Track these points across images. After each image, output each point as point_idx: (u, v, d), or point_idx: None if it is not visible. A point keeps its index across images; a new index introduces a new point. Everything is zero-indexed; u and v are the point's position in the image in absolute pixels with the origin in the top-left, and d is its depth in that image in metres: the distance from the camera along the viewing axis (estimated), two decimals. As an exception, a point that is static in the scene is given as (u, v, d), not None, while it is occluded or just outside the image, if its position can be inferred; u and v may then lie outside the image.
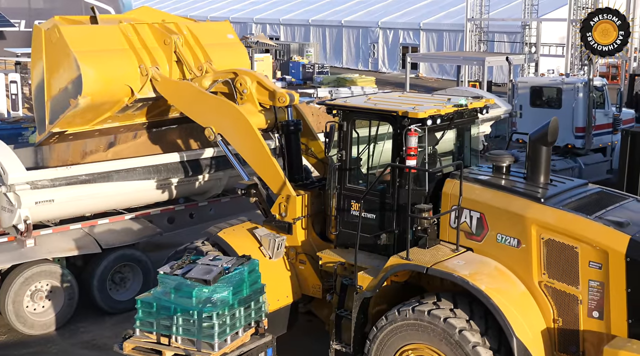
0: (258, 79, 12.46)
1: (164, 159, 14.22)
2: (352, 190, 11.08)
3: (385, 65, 57.27)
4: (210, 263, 9.77)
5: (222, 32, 14.47)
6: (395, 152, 10.54)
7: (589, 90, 23.33)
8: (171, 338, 9.37)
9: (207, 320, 9.16)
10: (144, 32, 13.19)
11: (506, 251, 9.89)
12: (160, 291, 9.53)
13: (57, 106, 13.10)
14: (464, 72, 42.03)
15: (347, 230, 11.14)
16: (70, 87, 12.70)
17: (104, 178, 13.44)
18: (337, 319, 10.77)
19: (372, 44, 58.27)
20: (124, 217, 14.24)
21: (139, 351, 9.53)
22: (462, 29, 46.24)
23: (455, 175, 10.46)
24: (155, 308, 9.40)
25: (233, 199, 15.32)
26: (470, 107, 10.85)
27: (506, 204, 9.95)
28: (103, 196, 13.54)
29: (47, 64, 13.05)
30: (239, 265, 9.82)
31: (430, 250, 10.27)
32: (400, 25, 56.34)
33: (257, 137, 11.83)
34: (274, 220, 11.78)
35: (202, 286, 9.30)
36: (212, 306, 9.19)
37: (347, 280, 10.86)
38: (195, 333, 9.24)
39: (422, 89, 45.11)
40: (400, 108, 10.53)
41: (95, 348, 12.80)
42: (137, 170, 13.81)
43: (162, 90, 13.16)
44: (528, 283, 9.75)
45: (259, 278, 10.14)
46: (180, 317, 9.24)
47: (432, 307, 9.57)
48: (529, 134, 10.34)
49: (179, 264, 9.78)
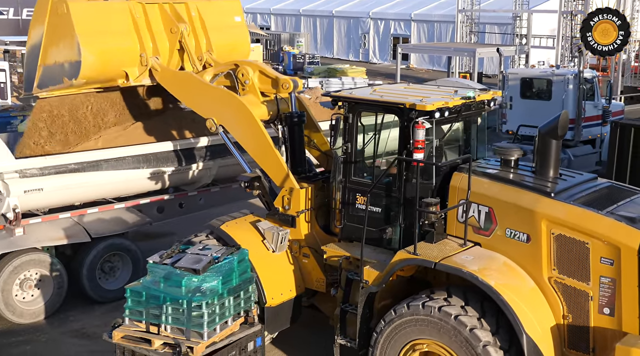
0: (260, 67, 12.22)
1: (153, 148, 14.11)
2: (358, 183, 10.85)
3: (376, 56, 57.11)
4: (199, 253, 9.67)
5: (231, 13, 14.13)
6: (402, 144, 10.29)
7: (579, 82, 23.38)
8: (160, 327, 9.31)
9: (197, 309, 9.11)
10: (153, 13, 12.78)
11: (515, 246, 9.67)
12: (150, 280, 9.46)
13: (49, 75, 12.80)
14: (454, 63, 41.96)
15: (352, 224, 10.92)
16: (67, 66, 12.43)
17: (94, 167, 13.37)
18: (342, 314, 10.57)
19: (363, 35, 58.06)
20: (114, 206, 14.14)
21: (128, 340, 9.48)
22: (453, 20, 46.25)
23: (463, 168, 10.24)
24: (144, 297, 9.33)
25: (223, 189, 15.34)
26: (478, 99, 10.61)
27: (516, 198, 9.72)
28: (92, 185, 13.44)
29: (48, 32, 12.64)
30: (228, 255, 9.71)
31: (438, 245, 10.05)
32: (392, 16, 56.17)
33: (259, 128, 11.57)
34: (277, 213, 11.54)
35: (192, 276, 9.23)
36: (202, 295, 9.14)
37: (352, 274, 10.64)
38: (184, 322, 9.17)
39: (412, 79, 44.92)
40: (407, 100, 10.28)
41: (85, 337, 12.70)
42: (126, 159, 13.72)
43: (161, 80, 12.89)
44: (537, 278, 9.54)
45: (249, 268, 9.98)
46: (170, 306, 9.18)
47: (442, 304, 9.36)
48: (538, 127, 10.11)
49: (168, 253, 9.68)
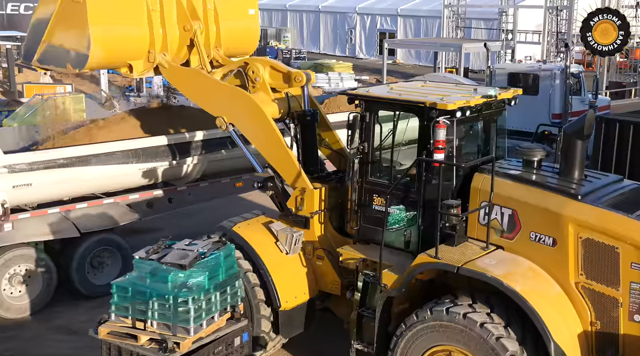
0: (270, 63, 11.80)
1: (142, 143, 14.01)
2: (374, 183, 10.44)
3: (362, 51, 56.76)
4: (186, 248, 9.51)
5: (246, 5, 13.52)
6: (422, 144, 9.87)
7: (565, 77, 23.64)
8: (147, 322, 9.17)
9: (183, 305, 8.98)
10: (169, 7, 12.20)
11: (540, 250, 9.27)
12: (136, 276, 9.35)
13: (52, 55, 12.33)
14: (441, 58, 41.74)
15: (369, 225, 10.52)
16: (74, 55, 11.94)
17: (83, 162, 13.26)
18: (359, 318, 10.17)
19: (350, 30, 57.66)
20: (102, 202, 13.99)
21: (114, 335, 9.33)
22: (439, 15, 45.98)
23: (484, 169, 9.84)
24: (130, 293, 9.20)
25: (212, 184, 15.28)
26: (500, 98, 10.20)
27: (541, 201, 9.31)
28: (81, 180, 13.36)
29: (59, 13, 12.04)
30: (214, 250, 9.54)
31: (459, 248, 9.65)
32: (378, 11, 55.80)
33: (271, 126, 11.13)
34: (291, 214, 11.12)
35: (178, 271, 9.09)
36: (188, 291, 9.01)
37: (369, 277, 10.23)
38: (170, 318, 9.04)
39: (399, 75, 44.63)
40: (427, 98, 9.87)
41: (71, 333, 12.49)
42: (115, 154, 13.63)
43: (169, 77, 12.43)
44: (564, 284, 9.14)
45: (235, 263, 9.84)
46: (156, 302, 9.05)
47: (467, 310, 8.96)
48: (562, 127, 9.71)
49: (154, 249, 9.50)
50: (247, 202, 19.15)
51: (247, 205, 18.94)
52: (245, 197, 18.62)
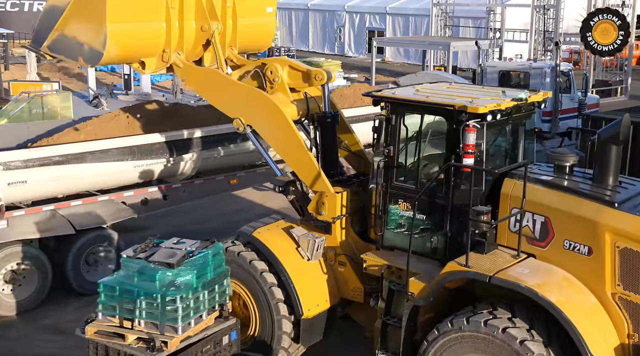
0: (289, 62, 11.33)
1: (138, 141, 13.94)
2: (400, 188, 9.99)
3: (351, 49, 56.32)
4: (174, 247, 9.33)
5: (264, 3, 12.99)
6: (450, 148, 9.43)
7: (555, 75, 23.73)
8: (134, 321, 9.01)
9: (171, 304, 8.82)
10: (189, 5, 11.62)
11: (574, 259, 8.85)
12: (123, 274, 9.19)
13: (64, 45, 11.82)
14: (429, 56, 41.53)
15: (394, 231, 10.08)
16: (87, 50, 11.42)
17: (78, 160, 13.19)
18: (384, 326, 9.78)
19: (339, 28, 57.18)
20: (97, 199, 13.89)
21: (102, 335, 9.16)
22: (427, 14, 45.77)
23: (514, 174, 9.41)
24: (118, 292, 9.03)
25: (206, 181, 15.19)
26: (529, 101, 9.77)
27: (575, 208, 8.88)
28: (77, 177, 13.26)
29: (75, 5, 11.46)
30: (203, 249, 9.37)
31: (489, 256, 9.25)
32: (367, 9, 55.33)
33: (292, 128, 10.66)
34: (312, 219, 10.65)
35: (166, 270, 8.92)
36: (176, 289, 8.86)
37: (395, 285, 9.81)
38: (158, 317, 8.87)
39: (387, 73, 44.34)
40: (456, 101, 9.45)
41: (58, 332, 12.32)
42: (111, 151, 13.56)
43: (184, 76, 11.94)
44: (599, 294, 8.73)
45: (223, 261, 9.63)
46: (144, 301, 8.88)
47: (507, 324, 8.54)
48: (597, 132, 9.29)
49: (142, 248, 9.34)
50: (240, 199, 19.00)
51: (239, 202, 19.06)
52: (237, 194, 18.52)
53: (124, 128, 14.65)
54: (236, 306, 11.23)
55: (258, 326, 10.58)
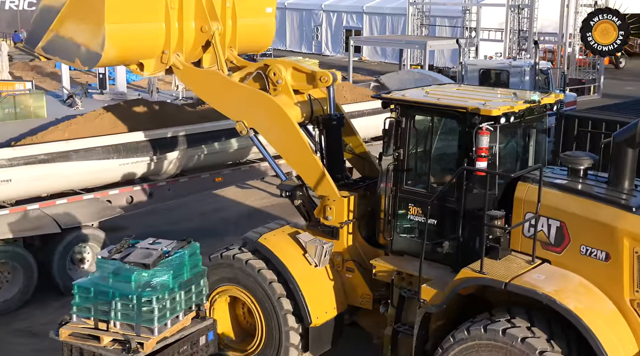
0: (292, 64, 10.97)
1: (123, 139, 13.79)
2: (410, 192, 9.69)
3: (328, 48, 55.97)
4: (149, 247, 9.15)
5: (264, 3, 12.65)
6: (463, 152, 9.13)
7: (534, 73, 23.72)
8: (109, 323, 8.82)
9: (147, 305, 8.65)
10: (188, 6, 11.23)
11: (591, 265, 8.59)
12: (98, 276, 9.01)
13: (60, 46, 11.40)
14: (406, 55, 41.27)
15: (404, 236, 9.78)
16: (85, 52, 11.01)
17: (63, 158, 12.97)
18: (394, 334, 9.51)
19: (316, 27, 56.78)
20: (82, 197, 13.70)
21: (76, 337, 8.94)
22: (404, 13, 45.65)
23: (528, 178, 9.14)
24: (92, 293, 8.83)
25: (191, 179, 15.09)
26: (542, 103, 9.51)
27: (592, 213, 8.62)
28: (62, 176, 13.06)
29: (72, 5, 10.99)
30: (179, 249, 9.18)
31: (503, 262, 8.97)
32: (344, 8, 54.97)
33: (297, 131, 10.32)
34: (320, 225, 10.29)
35: (142, 271, 8.76)
36: (152, 290, 8.70)
37: (406, 291, 9.50)
38: (134, 318, 8.70)
39: (365, 72, 44.06)
40: (468, 103, 9.16)
41: (31, 335, 12.07)
42: (96, 149, 13.39)
43: (184, 79, 11.51)
44: (617, 301, 8.47)
45: (200, 261, 9.43)
46: (119, 302, 8.70)
47: (527, 334, 8.27)
48: (612, 134, 9.03)
49: (117, 248, 9.15)
50: (219, 198, 18.86)
51: (218, 201, 18.84)
52: (217, 193, 18.26)
53: (108, 126, 14.45)
54: (240, 314, 10.89)
55: (264, 335, 10.26)
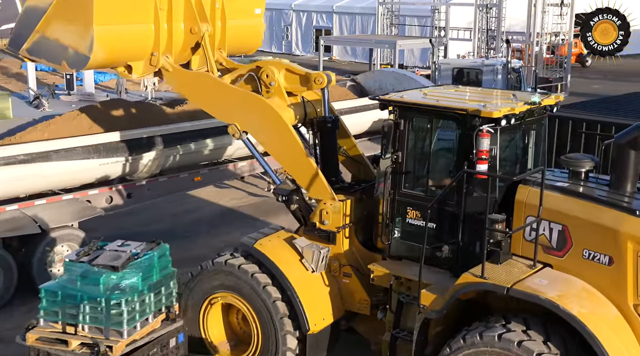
0: (285, 66, 10.71)
1: (103, 139, 13.67)
2: (409, 195, 9.46)
3: (299, 48, 55.62)
4: (118, 249, 9.14)
5: (254, 4, 12.36)
6: (462, 154, 8.92)
7: (507, 72, 24.03)
8: (77, 327, 8.76)
9: (116, 307, 8.62)
10: (178, 7, 10.87)
11: (594, 269, 8.43)
12: (66, 279, 8.93)
13: (46, 48, 11.02)
14: (376, 55, 41.07)
15: (403, 240, 9.56)
16: (72, 54, 10.61)
17: (43, 158, 12.79)
18: (393, 340, 9.28)
19: (286, 27, 56.40)
20: (62, 198, 13.57)
21: (43, 341, 8.86)
22: (374, 13, 45.33)
23: (529, 180, 8.96)
24: (60, 297, 8.77)
25: (170, 178, 15.05)
26: (543, 104, 9.32)
27: (595, 216, 8.45)
28: (42, 176, 12.90)
29: (58, 5, 10.58)
30: (148, 251, 9.16)
31: (504, 266, 8.80)
32: (314, 8, 54.67)
33: (292, 134, 10.06)
34: (316, 229, 10.02)
35: (110, 273, 8.72)
36: (121, 292, 8.67)
37: (405, 297, 9.27)
38: (103, 321, 8.67)
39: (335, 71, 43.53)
40: (468, 105, 8.95)
41: None
42: (76, 149, 13.22)
43: (172, 81, 11.09)
44: (621, 306, 8.31)
45: (170, 263, 9.40)
46: (87, 305, 8.65)
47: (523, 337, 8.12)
48: (614, 136, 8.86)
49: (85, 251, 9.12)
50: (191, 199, 18.61)
51: (190, 202, 18.60)
52: (189, 193, 17.94)
53: (87, 126, 14.25)
54: (234, 321, 10.58)
55: (260, 342, 9.96)
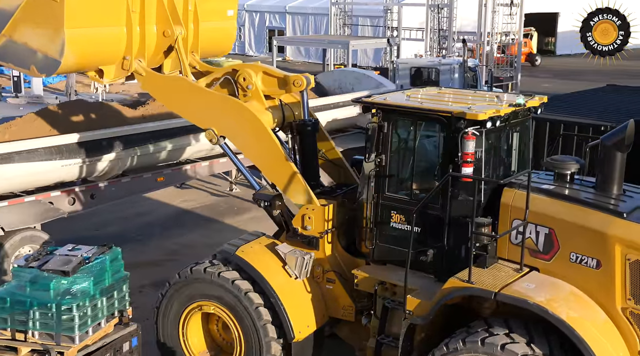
0: (263, 68, 10.43)
1: (66, 140, 13.41)
2: (393, 199, 9.26)
3: (252, 48, 55.14)
4: (69, 254, 8.93)
5: (226, 6, 12.07)
6: (447, 157, 8.75)
7: (464, 71, 24.04)
8: (27, 333, 8.55)
9: (67, 313, 8.43)
10: (150, 9, 10.48)
11: (582, 272, 8.33)
12: (15, 285, 8.72)
13: (13, 52, 10.48)
14: (329, 55, 40.90)
15: (386, 245, 9.38)
16: (42, 58, 10.13)
17: (5, 160, 12.53)
18: (378, 346, 9.10)
19: (239, 27, 55.70)
20: (24, 199, 13.30)
21: None
22: (327, 13, 45.13)
23: (514, 183, 8.83)
24: (9, 303, 8.54)
25: (133, 179, 14.90)
26: (527, 106, 9.20)
27: (582, 219, 8.36)
28: (3, 178, 12.61)
29: (26, 8, 10.07)
30: (100, 254, 8.98)
31: (490, 270, 8.66)
32: (266, 8, 54.29)
33: (271, 138, 9.80)
34: (299, 235, 9.74)
35: (61, 278, 8.53)
36: (72, 297, 8.48)
37: (390, 302, 9.07)
38: (53, 327, 8.49)
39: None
40: (452, 107, 8.77)
41: None
42: (38, 151, 12.93)
43: (146, 86, 10.66)
44: (609, 309, 8.22)
45: (122, 267, 9.25)
46: (37, 311, 8.45)
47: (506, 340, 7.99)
48: (601, 138, 8.77)
49: (34, 256, 8.92)
50: (143, 201, 18.34)
51: (142, 205, 18.38)
52: (150, 195, 17.74)
53: (49, 128, 14.05)
54: (214, 330, 10.27)
55: (243, 351, 9.67)
